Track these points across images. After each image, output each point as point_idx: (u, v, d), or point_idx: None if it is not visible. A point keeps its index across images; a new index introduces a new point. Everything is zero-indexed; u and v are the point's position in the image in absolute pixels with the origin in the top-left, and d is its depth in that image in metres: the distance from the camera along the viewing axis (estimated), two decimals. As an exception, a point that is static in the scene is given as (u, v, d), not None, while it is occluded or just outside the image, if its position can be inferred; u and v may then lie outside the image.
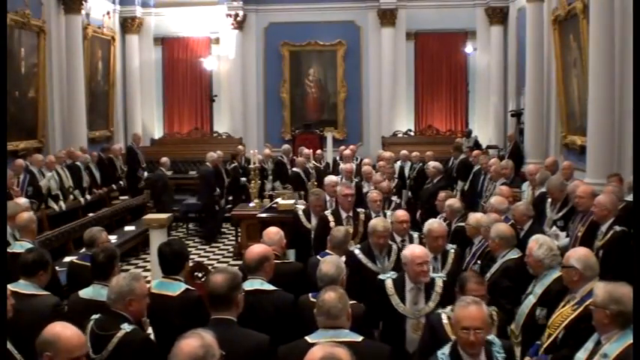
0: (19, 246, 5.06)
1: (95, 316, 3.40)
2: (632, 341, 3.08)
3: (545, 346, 3.74)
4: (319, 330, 3.15)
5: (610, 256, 5.11)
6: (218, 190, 11.31)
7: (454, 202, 6.54)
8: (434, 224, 5.12)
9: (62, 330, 2.74)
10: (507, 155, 11.86)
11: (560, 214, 6.63)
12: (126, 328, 3.27)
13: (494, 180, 8.76)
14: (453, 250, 5.10)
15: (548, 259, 4.17)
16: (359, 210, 6.39)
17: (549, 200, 6.84)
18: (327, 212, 6.41)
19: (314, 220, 6.60)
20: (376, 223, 5.15)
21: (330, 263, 3.90)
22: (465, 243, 5.51)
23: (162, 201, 10.95)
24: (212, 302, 3.27)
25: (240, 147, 13.27)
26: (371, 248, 5.10)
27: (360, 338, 3.17)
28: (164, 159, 11.41)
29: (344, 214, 6.29)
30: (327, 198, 7.32)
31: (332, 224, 5.99)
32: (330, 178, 7.90)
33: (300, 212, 6.93)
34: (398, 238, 5.46)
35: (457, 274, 4.36)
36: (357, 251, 5.11)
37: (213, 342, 2.52)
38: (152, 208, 11.07)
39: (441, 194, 7.03)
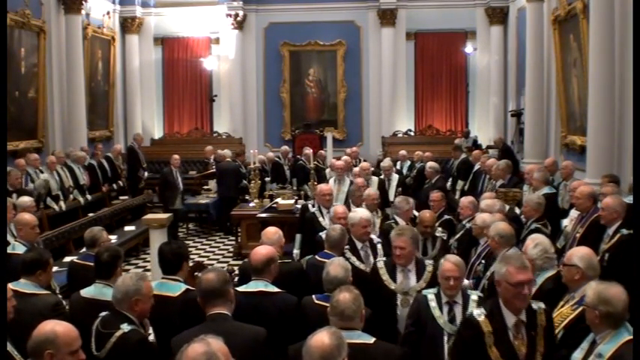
0: (21, 247, 5.05)
1: (102, 314, 3.45)
2: (626, 340, 3.08)
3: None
4: None
5: (616, 260, 4.98)
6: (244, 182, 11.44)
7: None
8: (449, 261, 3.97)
9: (57, 326, 2.78)
10: (498, 159, 11.77)
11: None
12: (124, 328, 3.30)
13: (495, 180, 8.77)
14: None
15: (540, 260, 4.11)
16: (427, 262, 4.57)
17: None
18: (395, 287, 4.40)
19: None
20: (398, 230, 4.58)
21: (337, 266, 3.89)
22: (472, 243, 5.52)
23: (166, 197, 10.95)
24: (208, 297, 3.29)
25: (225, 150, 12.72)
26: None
27: (372, 340, 3.16)
28: (175, 156, 11.31)
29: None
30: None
31: (399, 301, 4.35)
32: (363, 216, 5.23)
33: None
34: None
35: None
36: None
37: (221, 349, 2.40)
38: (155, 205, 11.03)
39: (436, 194, 7.01)
